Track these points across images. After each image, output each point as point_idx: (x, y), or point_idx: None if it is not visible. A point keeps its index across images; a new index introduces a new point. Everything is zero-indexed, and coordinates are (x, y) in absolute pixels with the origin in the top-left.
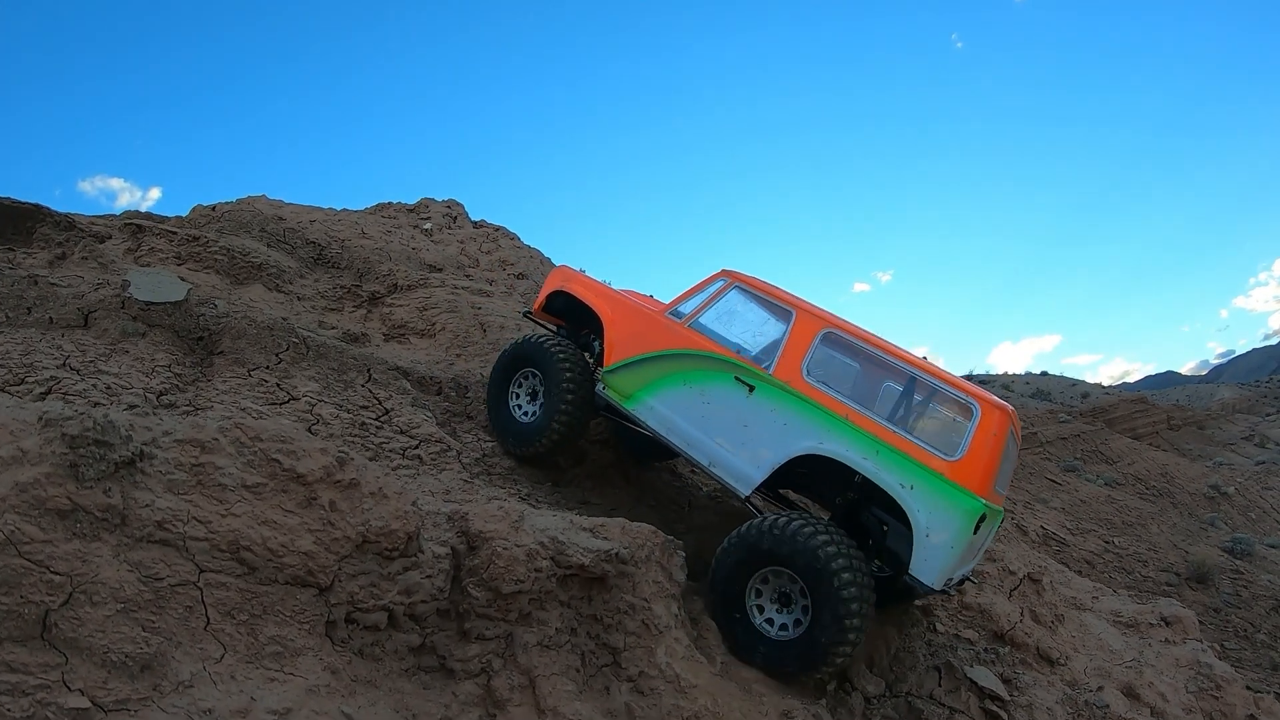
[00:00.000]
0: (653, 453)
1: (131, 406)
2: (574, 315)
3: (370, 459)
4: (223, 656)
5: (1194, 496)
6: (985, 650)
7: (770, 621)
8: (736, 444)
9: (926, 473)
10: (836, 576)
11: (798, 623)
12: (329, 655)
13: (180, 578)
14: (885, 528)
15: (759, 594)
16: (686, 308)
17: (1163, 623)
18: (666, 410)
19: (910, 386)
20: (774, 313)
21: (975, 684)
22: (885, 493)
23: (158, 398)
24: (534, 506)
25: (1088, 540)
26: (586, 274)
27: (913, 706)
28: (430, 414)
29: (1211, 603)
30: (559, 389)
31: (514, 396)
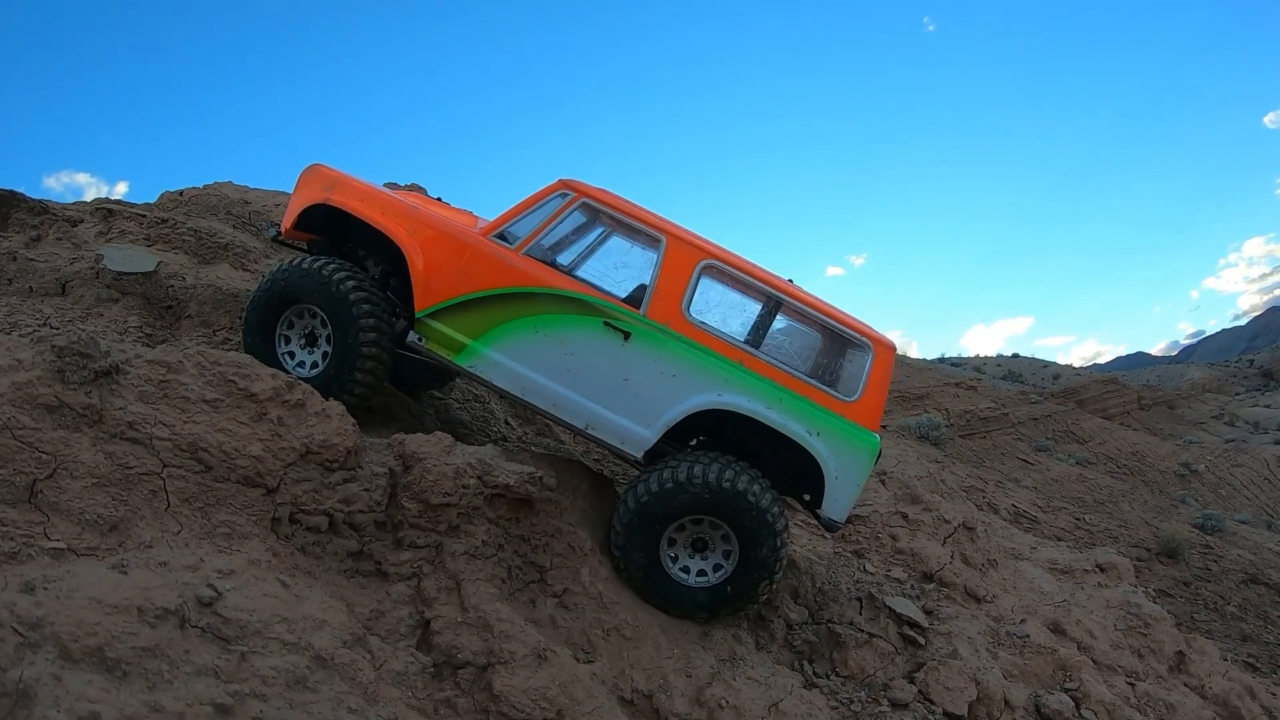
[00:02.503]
0: (424, 381)
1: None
2: (334, 230)
3: None
4: (179, 531)
5: (1165, 474)
6: (911, 588)
7: (687, 569)
8: (618, 402)
9: (830, 416)
10: (776, 524)
11: (717, 567)
12: (273, 544)
13: (146, 468)
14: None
15: (672, 543)
16: (519, 229)
17: (1097, 569)
18: (517, 365)
19: (803, 325)
20: (637, 239)
21: (894, 612)
22: (759, 425)
23: None
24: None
25: (1059, 518)
26: (352, 176)
27: (832, 632)
28: None
29: (1182, 577)
30: (357, 329)
31: (282, 343)
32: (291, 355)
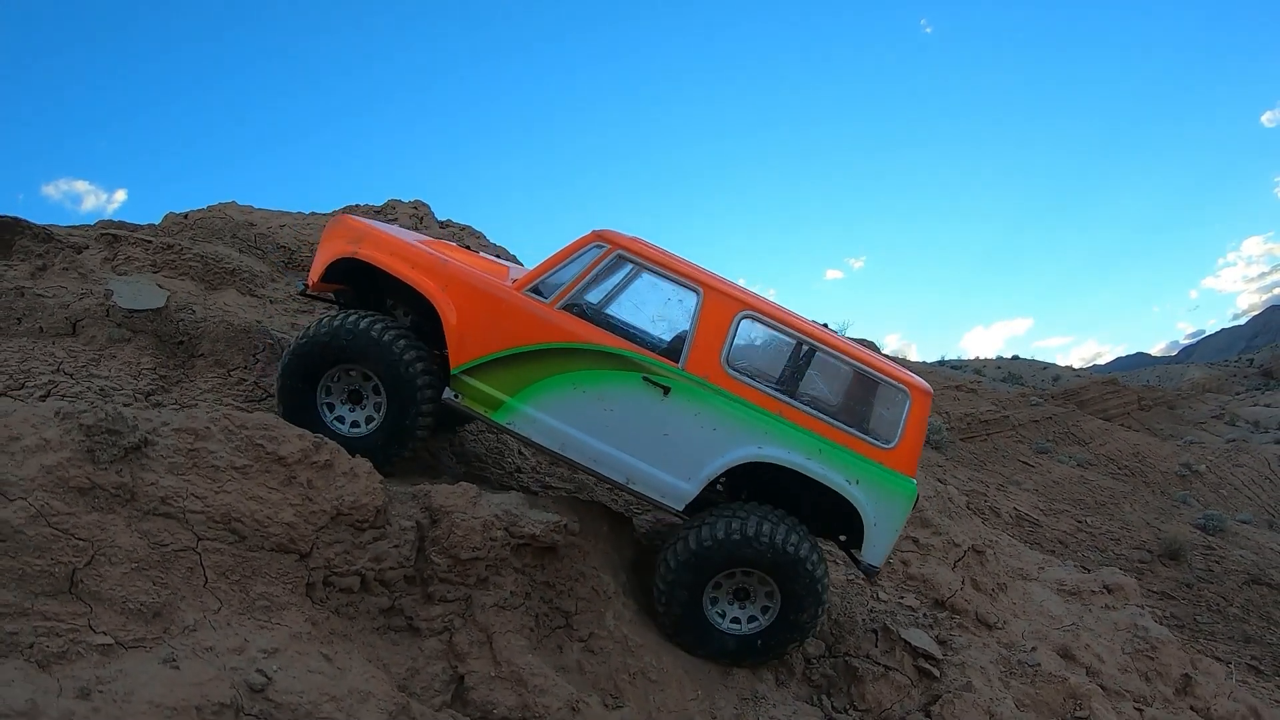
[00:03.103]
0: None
1: (125, 405)
2: (361, 281)
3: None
4: (220, 609)
5: (1166, 475)
6: (924, 615)
7: (736, 620)
8: (658, 456)
9: (869, 464)
10: (816, 576)
11: (765, 611)
12: (310, 611)
13: (182, 544)
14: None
15: (715, 601)
16: (556, 281)
17: (1104, 590)
18: (557, 423)
19: (841, 373)
20: (674, 290)
21: (910, 644)
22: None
23: (146, 398)
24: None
25: (1060, 520)
26: (380, 227)
27: (849, 665)
28: None
29: (1184, 578)
30: (412, 387)
31: (325, 404)
32: (331, 408)
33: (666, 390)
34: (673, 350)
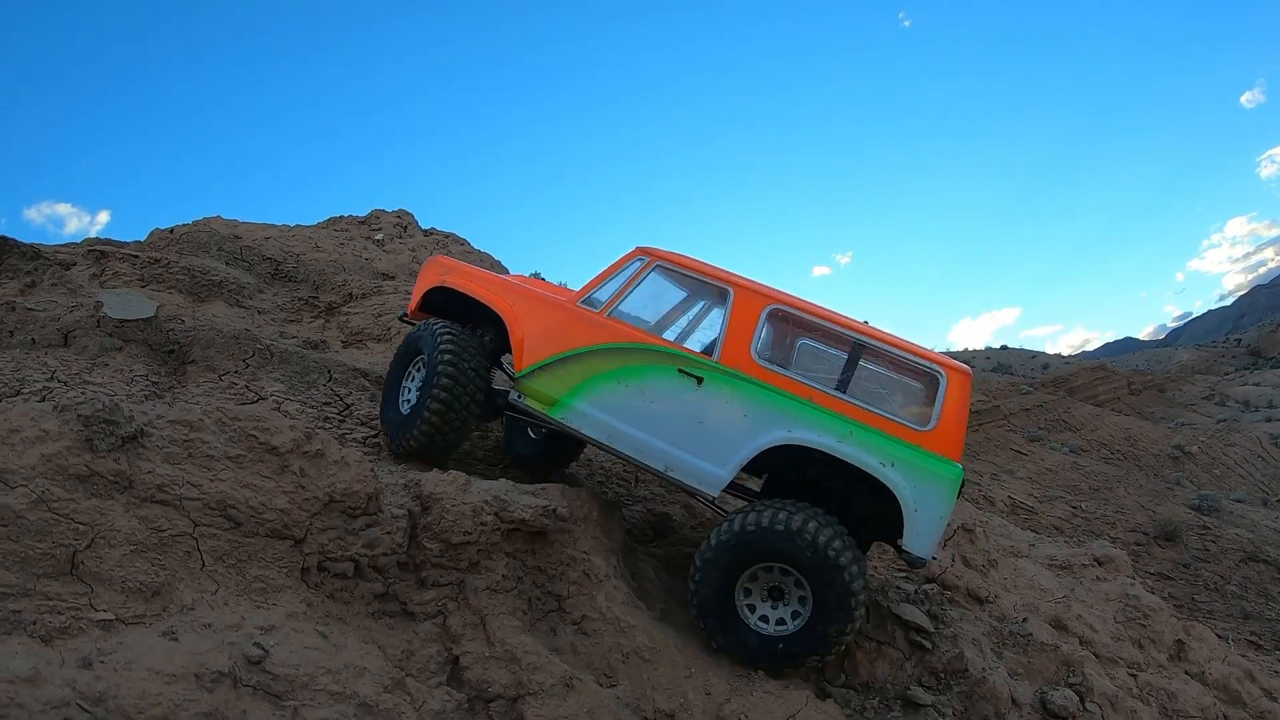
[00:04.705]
0: (554, 458)
1: None
2: (458, 316)
3: None
4: (217, 590)
5: (1158, 458)
6: (915, 593)
7: (765, 619)
8: (694, 444)
9: (905, 447)
10: (846, 572)
11: (795, 614)
12: (305, 593)
13: (179, 530)
14: (854, 502)
15: (748, 593)
16: (602, 294)
17: (1095, 563)
18: (603, 415)
19: (872, 359)
20: (706, 292)
21: (901, 619)
22: (851, 468)
23: (140, 403)
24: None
25: (1055, 507)
26: (465, 264)
27: None
28: None
29: (1181, 559)
30: (434, 376)
31: (405, 390)
32: (407, 400)
33: (700, 381)
34: (709, 347)
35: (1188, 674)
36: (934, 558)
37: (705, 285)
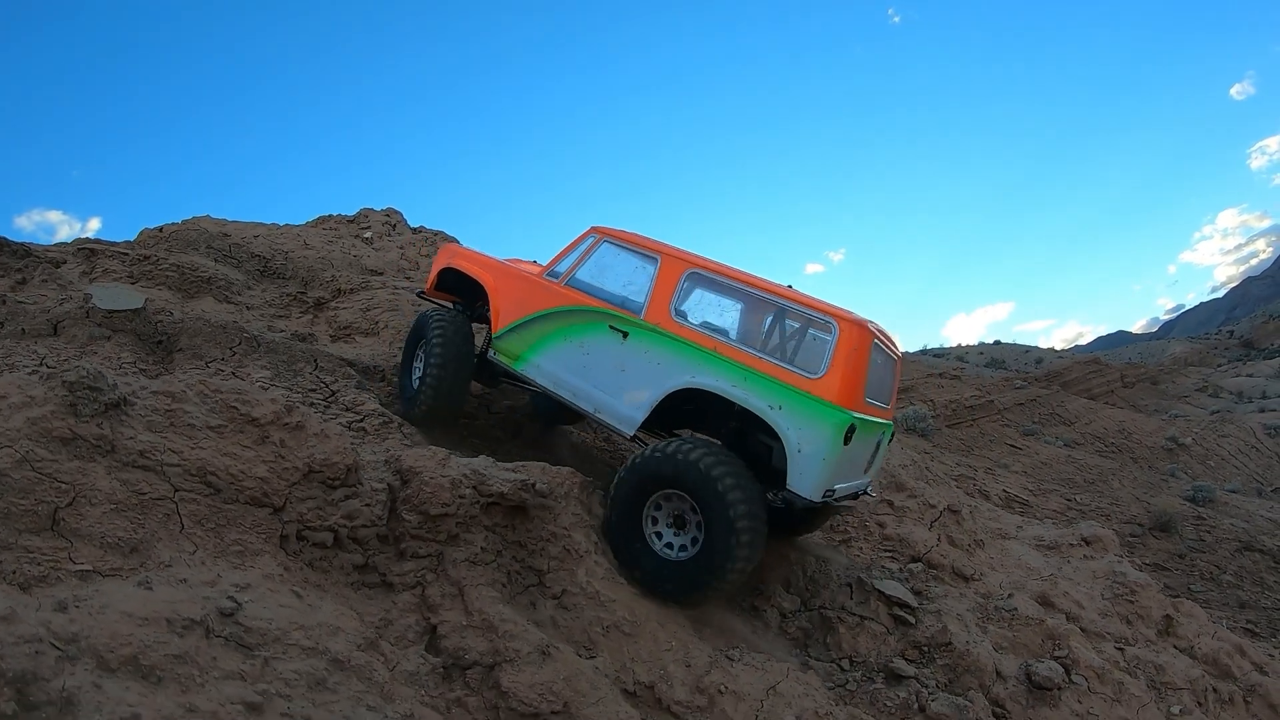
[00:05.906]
0: (558, 416)
1: None
2: (466, 291)
3: None
4: (195, 551)
5: (1153, 450)
6: (900, 570)
7: (670, 545)
8: (616, 389)
9: (792, 392)
10: (727, 495)
11: (694, 541)
12: (283, 559)
13: (159, 493)
14: (770, 450)
15: (655, 521)
16: (562, 267)
17: (1083, 542)
18: (552, 366)
19: (777, 315)
20: (642, 260)
21: (884, 594)
22: (756, 417)
23: None
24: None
25: (1050, 500)
26: (471, 249)
27: (824, 617)
28: (373, 395)
29: (1176, 549)
30: (429, 350)
31: (414, 369)
32: (417, 377)
33: (625, 335)
34: (636, 305)
35: (1176, 648)
36: (825, 500)
37: (641, 254)
